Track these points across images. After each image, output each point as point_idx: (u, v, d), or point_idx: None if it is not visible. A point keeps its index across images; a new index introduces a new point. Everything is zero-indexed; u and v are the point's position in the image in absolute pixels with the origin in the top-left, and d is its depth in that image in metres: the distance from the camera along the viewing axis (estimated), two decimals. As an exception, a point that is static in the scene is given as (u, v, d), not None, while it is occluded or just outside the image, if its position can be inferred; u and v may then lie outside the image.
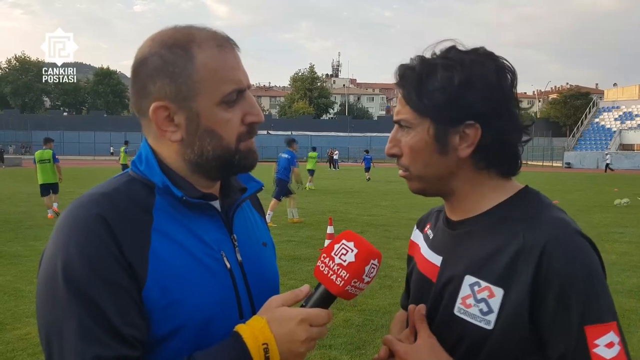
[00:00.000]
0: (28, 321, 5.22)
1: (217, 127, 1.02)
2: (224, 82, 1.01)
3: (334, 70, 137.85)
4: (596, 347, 0.96)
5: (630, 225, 12.00)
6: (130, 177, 1.06)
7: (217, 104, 1.01)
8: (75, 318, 0.89)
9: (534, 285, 0.99)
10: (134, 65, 1.04)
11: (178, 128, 1.02)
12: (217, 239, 1.08)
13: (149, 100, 1.01)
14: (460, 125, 1.08)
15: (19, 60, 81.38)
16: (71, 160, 52.19)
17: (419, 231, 1.38)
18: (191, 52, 1.00)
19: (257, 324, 0.96)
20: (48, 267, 0.94)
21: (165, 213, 1.02)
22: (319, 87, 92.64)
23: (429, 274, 1.19)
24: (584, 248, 1.02)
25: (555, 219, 1.05)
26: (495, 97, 1.07)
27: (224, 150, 1.03)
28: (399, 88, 1.15)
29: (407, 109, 1.13)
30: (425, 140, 1.11)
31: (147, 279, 0.95)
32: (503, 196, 1.14)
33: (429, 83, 1.09)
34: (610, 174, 40.09)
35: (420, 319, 1.12)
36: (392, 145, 1.18)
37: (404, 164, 1.16)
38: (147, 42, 1.04)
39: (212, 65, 1.00)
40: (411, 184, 1.19)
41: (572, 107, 77.62)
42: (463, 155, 1.10)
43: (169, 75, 1.00)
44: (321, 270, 1.03)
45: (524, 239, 1.03)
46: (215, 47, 1.02)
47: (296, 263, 7.81)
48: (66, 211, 0.99)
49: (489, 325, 1.03)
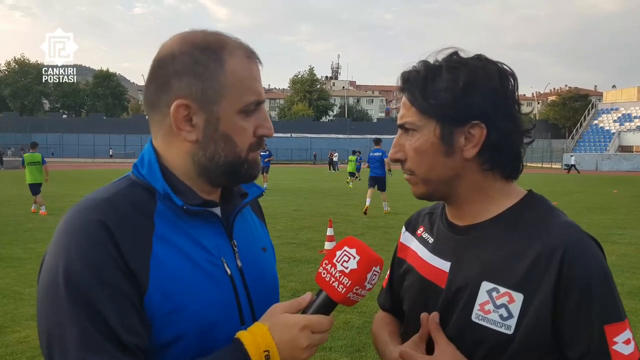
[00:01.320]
0: (28, 324, 5.21)
1: (234, 134, 1.03)
2: (248, 91, 1.03)
3: (333, 72, 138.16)
4: (615, 345, 1.00)
5: (630, 226, 12.01)
6: (131, 182, 1.05)
7: (238, 111, 1.02)
8: (76, 325, 0.88)
9: (557, 289, 1.02)
10: (158, 59, 1.03)
11: (194, 129, 1.02)
12: (218, 245, 1.07)
13: (170, 97, 1.01)
14: (466, 125, 1.09)
15: (18, 62, 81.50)
16: (70, 162, 52.22)
17: (409, 234, 1.36)
18: (223, 57, 1.01)
19: (259, 331, 0.96)
20: (49, 273, 0.93)
21: (166, 219, 1.02)
22: (319, 89, 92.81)
23: (436, 279, 1.18)
24: (596, 250, 1.06)
25: (566, 223, 1.09)
26: (499, 98, 1.09)
27: (235, 158, 1.04)
28: (404, 92, 1.15)
29: (412, 111, 1.13)
30: (431, 142, 1.11)
31: (149, 285, 0.94)
32: (510, 200, 1.15)
33: (435, 84, 1.10)
34: (574, 174, 39.96)
35: (436, 327, 1.11)
36: (396, 150, 1.17)
37: (409, 167, 1.16)
38: (175, 39, 1.05)
39: (240, 74, 1.02)
40: (416, 188, 1.18)
41: (571, 109, 77.77)
42: (469, 155, 1.11)
43: (198, 76, 1.00)
44: (323, 276, 1.03)
45: (542, 244, 1.05)
46: (244, 57, 1.04)
47: (296, 265, 7.80)
48: (67, 216, 0.98)
49: (509, 330, 1.04)
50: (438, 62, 1.12)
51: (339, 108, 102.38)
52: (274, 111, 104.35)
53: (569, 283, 1.01)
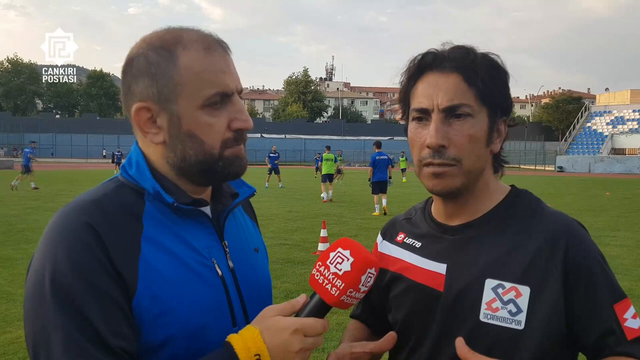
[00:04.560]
0: (19, 325, 5.16)
1: (199, 131, 1.00)
2: (207, 85, 0.99)
3: (328, 73, 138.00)
4: (626, 321, 1.04)
5: (622, 229, 12.07)
6: (119, 183, 1.04)
7: (200, 107, 0.99)
8: (62, 329, 0.87)
9: (565, 277, 1.04)
10: (123, 65, 1.04)
11: (160, 130, 1.01)
12: (208, 246, 1.06)
13: (133, 101, 1.01)
14: (502, 118, 1.13)
15: (11, 62, 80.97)
16: (64, 163, 51.91)
17: (387, 242, 1.30)
18: (175, 54, 0.99)
19: (250, 334, 0.94)
20: (36, 275, 0.92)
21: (155, 220, 1.00)
22: (313, 90, 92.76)
23: (432, 283, 1.14)
24: (588, 235, 1.11)
25: (557, 213, 1.13)
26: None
27: (206, 156, 1.01)
28: (450, 73, 1.07)
29: (469, 95, 1.06)
30: (485, 130, 1.10)
31: (138, 288, 0.93)
32: (499, 196, 1.17)
33: (495, 71, 1.09)
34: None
35: (470, 354, 0.98)
36: (441, 135, 1.06)
37: (454, 156, 1.07)
38: (137, 42, 1.04)
39: (196, 68, 0.98)
40: (453, 180, 1.08)
41: (565, 111, 77.94)
42: (495, 149, 1.14)
43: (152, 77, 0.99)
44: (316, 279, 1.01)
45: (540, 236, 1.07)
46: (201, 49, 1.00)
47: (289, 266, 7.79)
48: (55, 218, 0.97)
49: (519, 325, 1.03)
50: (476, 50, 1.10)
51: (333, 109, 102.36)
52: (268, 112, 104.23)
53: (576, 269, 1.04)
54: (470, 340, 1.03)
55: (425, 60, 1.10)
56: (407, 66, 1.13)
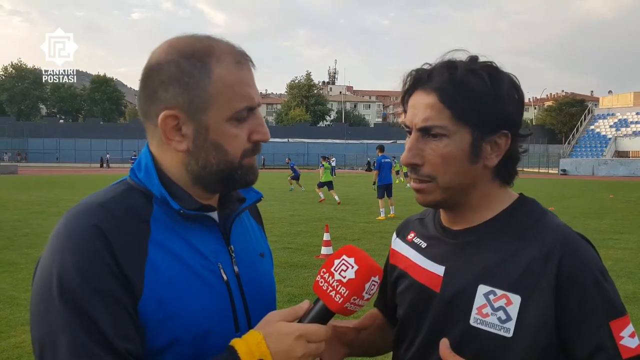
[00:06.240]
0: (23, 329, 5.18)
1: (224, 142, 1.01)
2: (238, 98, 1.01)
3: (330, 77, 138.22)
4: (622, 339, 1.01)
5: (625, 231, 12.02)
6: (128, 186, 1.04)
7: (228, 119, 1.00)
8: (69, 332, 0.87)
9: (557, 290, 1.02)
10: (147, 68, 1.02)
11: (185, 138, 1.01)
12: (214, 250, 1.06)
13: (158, 107, 1.00)
14: (496, 133, 1.09)
15: (15, 67, 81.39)
16: (67, 167, 52.05)
17: (400, 240, 1.34)
18: (209, 65, 0.99)
19: (254, 339, 0.94)
20: (43, 278, 0.92)
21: (163, 224, 1.01)
22: (316, 94, 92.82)
23: (430, 283, 1.16)
24: (590, 249, 1.08)
25: (559, 225, 1.10)
26: (522, 108, 1.12)
27: (227, 165, 1.03)
28: (430, 92, 1.07)
29: (444, 115, 1.06)
30: (462, 149, 1.08)
31: (144, 291, 0.94)
32: (504, 204, 1.16)
33: (474, 87, 1.05)
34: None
35: (451, 355, 1.04)
36: (413, 154, 1.10)
37: (428, 173, 1.09)
38: (163, 47, 1.03)
39: (228, 81, 1.00)
40: (430, 196, 1.12)
41: (568, 114, 77.96)
42: (491, 164, 1.11)
43: (184, 86, 0.99)
44: (320, 285, 1.01)
45: (536, 246, 1.06)
46: (233, 62, 1.01)
47: (293, 270, 7.79)
48: (62, 220, 0.97)
49: (508, 333, 1.03)
50: (464, 64, 1.08)
51: (336, 113, 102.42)
52: (271, 116, 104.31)
53: (568, 283, 1.02)
54: (460, 343, 1.06)
55: (414, 77, 1.12)
56: (403, 79, 1.15)
